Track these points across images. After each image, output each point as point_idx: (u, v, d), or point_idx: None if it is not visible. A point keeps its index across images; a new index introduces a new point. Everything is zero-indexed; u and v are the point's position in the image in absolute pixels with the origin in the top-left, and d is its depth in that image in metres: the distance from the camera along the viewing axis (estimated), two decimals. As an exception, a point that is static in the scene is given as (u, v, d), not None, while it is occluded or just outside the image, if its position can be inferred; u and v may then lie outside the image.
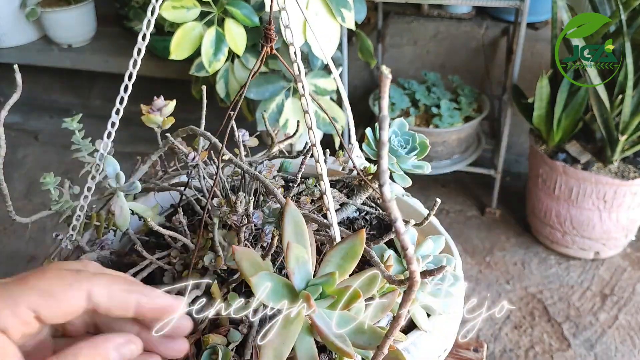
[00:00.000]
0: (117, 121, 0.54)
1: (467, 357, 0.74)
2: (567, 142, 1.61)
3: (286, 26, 0.45)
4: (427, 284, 0.51)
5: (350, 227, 0.64)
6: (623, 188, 1.53)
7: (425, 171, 0.58)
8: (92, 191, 0.56)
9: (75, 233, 0.56)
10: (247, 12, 1.39)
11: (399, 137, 0.58)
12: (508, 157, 1.98)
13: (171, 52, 1.39)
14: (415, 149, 0.58)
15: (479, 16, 2.02)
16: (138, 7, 2.12)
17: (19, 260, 1.79)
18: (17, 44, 2.29)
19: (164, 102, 0.59)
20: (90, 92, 2.53)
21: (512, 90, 1.67)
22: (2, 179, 0.52)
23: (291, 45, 0.45)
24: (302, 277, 0.41)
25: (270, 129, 0.64)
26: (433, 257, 0.54)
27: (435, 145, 1.80)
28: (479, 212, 1.91)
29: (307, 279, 0.41)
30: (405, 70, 2.11)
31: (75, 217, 0.56)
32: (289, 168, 0.67)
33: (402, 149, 0.57)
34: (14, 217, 0.56)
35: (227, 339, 0.48)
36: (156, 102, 0.59)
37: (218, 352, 0.46)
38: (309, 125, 0.45)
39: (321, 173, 0.46)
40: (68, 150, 0.59)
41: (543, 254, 1.74)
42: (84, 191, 0.56)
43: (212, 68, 1.41)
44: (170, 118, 0.60)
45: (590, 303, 1.57)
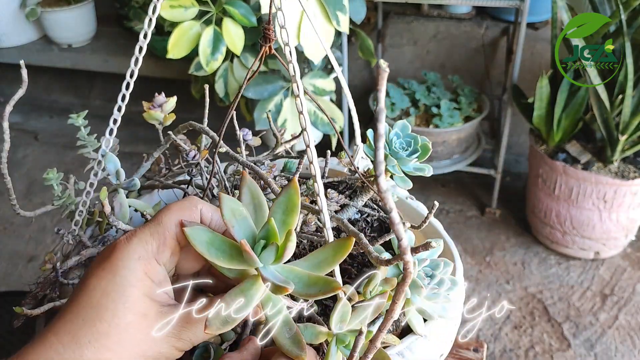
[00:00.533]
0: (119, 118, 0.54)
1: (467, 357, 0.74)
2: (567, 142, 1.61)
3: (282, 26, 0.45)
4: (423, 288, 0.50)
5: None
6: (623, 188, 1.53)
7: (426, 174, 0.57)
8: (95, 187, 0.57)
9: (77, 228, 0.57)
10: (245, 11, 1.39)
11: (400, 139, 0.57)
12: (508, 157, 1.98)
13: (168, 51, 1.39)
14: (417, 151, 0.57)
15: (479, 16, 2.02)
16: (138, 7, 2.12)
17: (18, 260, 1.79)
18: (17, 44, 2.30)
19: (165, 98, 0.59)
20: (90, 92, 2.53)
21: (512, 90, 1.67)
22: (6, 172, 0.53)
23: (286, 45, 0.45)
24: (243, 230, 0.40)
25: (276, 129, 0.64)
26: (430, 260, 0.54)
27: (435, 145, 1.80)
28: (479, 212, 1.91)
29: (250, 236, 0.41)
30: (405, 70, 2.11)
31: (77, 213, 0.57)
32: (292, 168, 0.66)
33: (403, 150, 0.57)
34: (19, 212, 0.56)
35: (222, 338, 0.48)
36: (157, 98, 0.59)
37: (210, 351, 0.46)
38: (303, 126, 0.45)
39: (315, 174, 0.45)
40: (68, 150, 0.59)
41: (543, 254, 1.74)
42: (86, 187, 0.56)
43: (210, 67, 1.41)
44: (171, 115, 0.60)
45: (590, 303, 1.57)
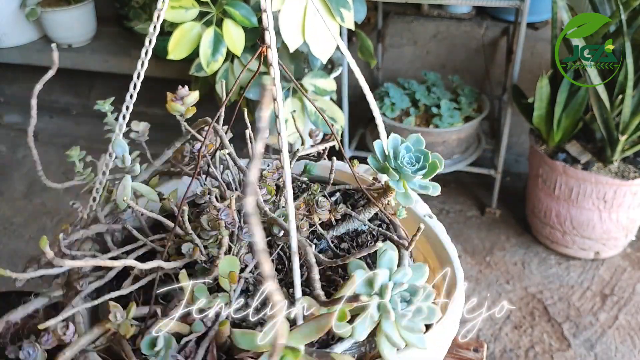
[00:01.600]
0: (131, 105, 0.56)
1: (467, 357, 0.74)
2: (567, 142, 1.61)
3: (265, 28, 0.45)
4: (391, 313, 0.47)
5: (354, 239, 0.63)
6: (623, 188, 1.53)
7: (432, 194, 0.54)
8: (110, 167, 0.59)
9: (95, 204, 0.59)
10: (245, 12, 1.39)
11: (410, 154, 0.54)
12: (508, 157, 1.98)
13: (169, 52, 1.39)
14: (424, 168, 0.54)
15: (479, 16, 2.02)
16: (138, 7, 2.12)
17: (18, 260, 1.79)
18: (17, 44, 2.30)
19: (187, 91, 0.60)
20: (90, 92, 2.53)
21: (512, 90, 1.67)
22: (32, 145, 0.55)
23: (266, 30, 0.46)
24: None
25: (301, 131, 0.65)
26: (409, 285, 0.50)
27: (435, 145, 1.80)
28: (479, 212, 1.91)
29: None
30: (405, 70, 2.11)
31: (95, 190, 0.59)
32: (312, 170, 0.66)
33: (411, 166, 0.54)
34: (45, 182, 0.58)
35: (191, 329, 0.49)
36: (180, 91, 0.60)
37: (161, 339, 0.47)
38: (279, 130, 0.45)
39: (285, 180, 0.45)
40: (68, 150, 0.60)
41: (543, 254, 1.74)
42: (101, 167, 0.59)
43: (210, 68, 1.41)
44: (192, 108, 0.61)
45: (590, 303, 1.57)
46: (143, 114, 0.65)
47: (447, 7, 1.98)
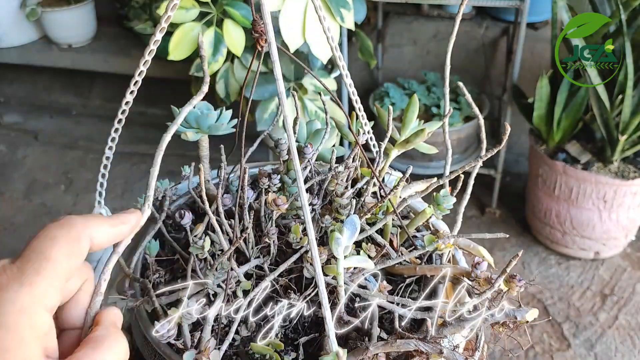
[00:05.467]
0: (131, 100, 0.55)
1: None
2: (567, 142, 1.61)
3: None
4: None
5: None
6: (623, 188, 1.53)
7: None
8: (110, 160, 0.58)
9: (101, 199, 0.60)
10: (245, 12, 1.39)
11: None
12: (508, 157, 1.98)
13: (170, 53, 1.39)
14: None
15: (479, 16, 2.02)
16: (138, 7, 2.12)
17: (19, 261, 1.79)
18: (17, 44, 2.30)
19: None
20: (90, 92, 2.53)
21: (512, 90, 1.67)
22: None
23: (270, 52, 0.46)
24: None
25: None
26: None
27: (436, 145, 1.79)
28: (479, 212, 1.91)
29: None
30: (405, 70, 2.11)
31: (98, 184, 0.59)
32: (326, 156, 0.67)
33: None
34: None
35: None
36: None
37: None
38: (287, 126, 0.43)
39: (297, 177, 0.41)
40: (68, 150, 0.60)
41: (543, 254, 1.74)
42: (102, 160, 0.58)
43: (211, 69, 1.41)
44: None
45: (590, 303, 1.57)
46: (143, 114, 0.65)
47: (447, 7, 1.98)
